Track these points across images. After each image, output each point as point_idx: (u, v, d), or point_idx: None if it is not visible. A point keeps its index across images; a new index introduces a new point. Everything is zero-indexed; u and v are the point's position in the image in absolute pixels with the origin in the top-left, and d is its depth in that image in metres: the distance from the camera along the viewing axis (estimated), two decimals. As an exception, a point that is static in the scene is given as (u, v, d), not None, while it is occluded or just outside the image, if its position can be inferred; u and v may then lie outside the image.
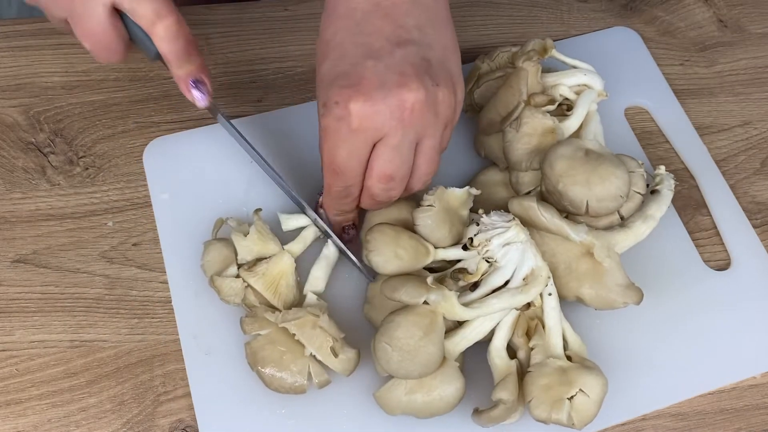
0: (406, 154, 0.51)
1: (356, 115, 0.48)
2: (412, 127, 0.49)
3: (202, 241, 0.58)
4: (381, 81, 0.48)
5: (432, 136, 0.51)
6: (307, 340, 0.53)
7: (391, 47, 0.49)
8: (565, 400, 0.51)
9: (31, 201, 0.62)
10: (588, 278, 0.55)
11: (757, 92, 0.72)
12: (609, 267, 0.54)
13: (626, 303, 0.54)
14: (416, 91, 0.48)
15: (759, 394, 0.58)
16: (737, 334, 0.59)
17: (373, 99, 0.48)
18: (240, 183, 0.63)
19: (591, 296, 0.55)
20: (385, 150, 0.50)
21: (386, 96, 0.48)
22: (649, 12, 0.76)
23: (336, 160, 0.51)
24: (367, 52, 0.49)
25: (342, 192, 0.53)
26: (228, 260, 0.56)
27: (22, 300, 0.58)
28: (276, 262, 0.56)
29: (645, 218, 0.58)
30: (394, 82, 0.48)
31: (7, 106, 0.65)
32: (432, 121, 0.50)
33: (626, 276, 0.55)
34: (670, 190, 0.59)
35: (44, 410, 0.54)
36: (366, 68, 0.49)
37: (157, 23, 0.52)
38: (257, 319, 0.54)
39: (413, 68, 0.49)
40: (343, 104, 0.48)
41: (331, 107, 0.49)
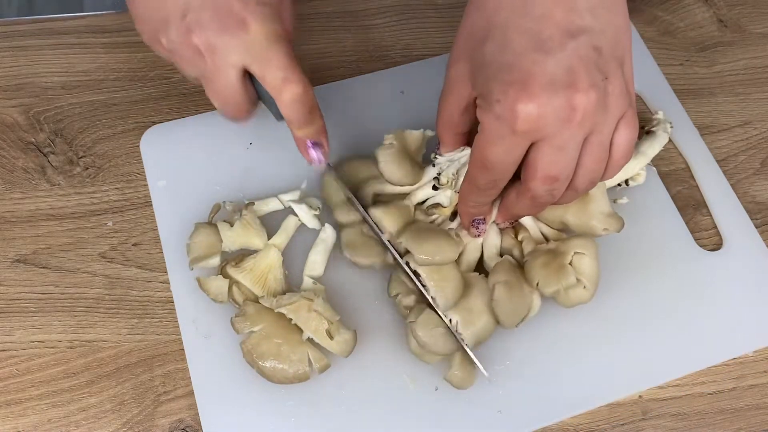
0: (572, 154, 0.47)
1: (522, 117, 0.44)
2: (580, 128, 0.46)
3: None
4: (550, 80, 0.44)
5: (600, 132, 0.47)
6: (304, 324, 0.53)
7: (561, 38, 0.45)
8: (566, 265, 0.54)
9: (31, 201, 0.62)
10: (573, 206, 0.57)
11: (757, 92, 0.72)
12: (594, 194, 0.57)
13: (607, 230, 0.57)
14: (586, 92, 0.44)
15: (759, 394, 0.58)
16: (730, 313, 0.60)
17: (540, 101, 0.44)
18: (237, 169, 0.63)
19: (575, 223, 0.57)
20: (549, 150, 0.46)
21: (554, 97, 0.44)
22: (649, 12, 0.76)
23: (489, 157, 0.48)
24: (535, 43, 0.45)
25: (488, 185, 0.50)
26: (213, 248, 0.57)
27: (22, 300, 0.58)
28: (263, 256, 0.57)
29: (637, 153, 0.60)
30: (563, 81, 0.44)
31: (7, 106, 0.66)
32: (602, 117, 0.46)
33: (610, 205, 0.57)
34: (666, 132, 0.61)
35: (44, 410, 0.54)
36: (534, 62, 0.44)
37: (283, 90, 0.52)
38: (248, 317, 0.54)
39: (583, 63, 0.45)
40: (508, 104, 0.45)
41: (491, 103, 0.46)
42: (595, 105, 0.45)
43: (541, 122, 0.45)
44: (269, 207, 0.60)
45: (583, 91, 0.44)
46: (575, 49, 0.45)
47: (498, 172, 0.49)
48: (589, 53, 0.45)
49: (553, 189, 0.49)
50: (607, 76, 0.46)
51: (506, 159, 0.47)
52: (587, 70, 0.45)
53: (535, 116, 0.44)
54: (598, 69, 0.45)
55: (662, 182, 0.65)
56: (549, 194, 0.49)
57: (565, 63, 0.45)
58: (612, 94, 0.46)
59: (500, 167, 0.48)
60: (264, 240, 0.58)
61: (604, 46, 0.46)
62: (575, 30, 0.45)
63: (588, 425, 0.56)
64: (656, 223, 0.63)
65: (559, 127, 0.45)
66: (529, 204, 0.51)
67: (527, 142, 0.46)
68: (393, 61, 0.70)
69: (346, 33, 0.72)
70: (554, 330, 0.58)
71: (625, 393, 0.57)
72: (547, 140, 0.46)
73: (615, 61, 0.46)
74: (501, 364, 0.56)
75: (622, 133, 0.48)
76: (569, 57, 0.45)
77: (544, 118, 0.45)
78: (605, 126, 0.47)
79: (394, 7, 0.74)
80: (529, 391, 0.56)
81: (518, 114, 0.44)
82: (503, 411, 0.55)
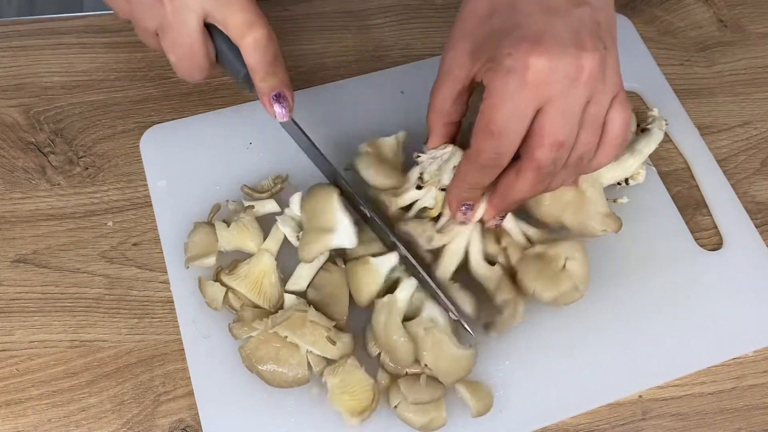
0: (575, 119, 0.48)
1: (533, 69, 0.45)
2: (585, 90, 0.47)
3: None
4: (559, 37, 0.46)
5: (597, 103, 0.48)
6: (300, 338, 0.53)
7: (567, 6, 0.47)
8: (558, 273, 0.54)
9: (31, 201, 0.62)
10: (571, 206, 0.57)
11: (757, 92, 0.72)
12: (592, 195, 0.57)
13: (605, 230, 0.57)
14: (592, 52, 0.46)
15: (759, 394, 0.58)
16: (730, 313, 0.60)
17: (551, 54, 0.46)
18: (237, 169, 0.63)
19: (572, 223, 0.57)
20: (556, 112, 0.47)
21: (564, 53, 0.46)
22: (649, 12, 0.76)
23: (496, 118, 0.47)
24: (543, 7, 0.47)
25: (491, 159, 0.49)
26: (210, 247, 0.57)
27: (22, 300, 0.58)
28: (256, 262, 0.56)
29: (633, 152, 0.60)
30: (571, 41, 0.46)
31: (7, 106, 0.66)
32: (601, 87, 0.48)
33: (607, 205, 0.57)
34: (661, 129, 0.61)
35: (44, 410, 0.54)
36: (543, 22, 0.47)
37: (247, 34, 0.52)
38: (245, 322, 0.54)
39: (587, 29, 0.47)
40: (519, 56, 0.46)
41: (502, 59, 0.46)
42: (599, 68, 0.47)
43: (551, 77, 0.46)
44: (266, 208, 0.60)
45: (589, 51, 0.46)
46: (580, 16, 0.47)
47: (504, 142, 0.48)
48: (592, 23, 0.48)
49: (558, 158, 0.49)
50: (606, 47, 0.48)
51: (513, 121, 0.47)
52: (591, 36, 0.47)
53: (547, 69, 0.46)
54: (599, 37, 0.48)
55: (662, 182, 0.65)
56: (553, 164, 0.49)
57: (572, 26, 0.47)
58: (610, 67, 0.48)
59: (507, 133, 0.48)
60: (258, 244, 0.57)
61: (602, 21, 0.49)
62: (579, 2, 0.48)
63: (588, 425, 0.56)
64: (656, 223, 0.63)
65: (566, 86, 0.46)
66: (531, 178, 0.50)
67: (536, 102, 0.47)
68: (393, 61, 0.70)
69: (346, 33, 0.72)
70: (554, 330, 0.58)
71: (625, 393, 0.57)
72: (554, 102, 0.47)
73: (610, 38, 0.49)
74: (501, 363, 0.56)
75: (616, 110, 0.50)
76: (575, 21, 0.47)
77: (555, 73, 0.46)
78: (603, 96, 0.48)
79: (394, 7, 0.74)
80: (528, 391, 0.56)
81: (530, 65, 0.45)
82: (503, 411, 0.55)
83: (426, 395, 0.52)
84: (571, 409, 0.56)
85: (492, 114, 0.47)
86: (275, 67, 0.54)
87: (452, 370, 0.53)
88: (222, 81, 0.68)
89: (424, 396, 0.52)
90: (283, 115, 0.56)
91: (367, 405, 0.52)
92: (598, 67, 0.47)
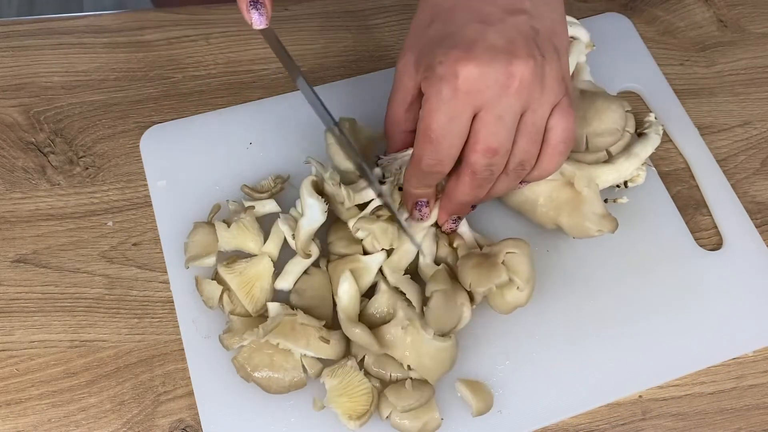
0: (509, 126, 0.49)
1: (463, 76, 0.46)
2: (518, 97, 0.48)
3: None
4: (490, 45, 0.47)
5: (534, 111, 0.49)
6: (294, 343, 0.52)
7: (502, 14, 0.48)
8: (498, 264, 0.53)
9: (31, 201, 0.62)
10: (567, 207, 0.57)
11: (757, 92, 0.72)
12: (587, 196, 0.57)
13: (601, 231, 0.57)
14: (524, 59, 0.47)
15: (759, 394, 0.58)
16: (730, 313, 0.60)
17: (480, 61, 0.46)
18: (237, 169, 0.63)
19: (568, 224, 0.57)
20: (489, 119, 0.48)
21: (494, 61, 0.47)
22: (649, 12, 0.76)
23: (433, 125, 0.48)
24: (477, 16, 0.48)
25: (432, 165, 0.50)
26: (210, 247, 0.57)
27: (22, 300, 0.58)
28: (255, 263, 0.56)
29: (629, 155, 0.59)
30: (503, 48, 0.47)
31: (7, 106, 0.66)
32: (537, 95, 0.48)
33: (603, 206, 0.57)
34: (658, 134, 0.61)
35: (44, 410, 0.54)
36: (476, 31, 0.47)
37: None
38: (235, 332, 0.54)
39: (522, 37, 0.48)
40: (449, 64, 0.47)
41: (434, 67, 0.48)
42: (532, 75, 0.47)
43: (481, 83, 0.47)
44: (266, 209, 0.60)
45: (521, 59, 0.47)
46: (515, 24, 0.48)
47: (443, 147, 0.49)
48: (528, 30, 0.48)
49: (492, 164, 0.50)
50: (544, 55, 0.48)
51: (450, 128, 0.48)
52: (526, 43, 0.48)
53: (476, 76, 0.46)
54: (536, 46, 0.48)
55: (662, 182, 0.65)
56: (488, 170, 0.50)
57: (505, 34, 0.47)
58: (549, 75, 0.48)
59: (445, 139, 0.49)
60: (259, 245, 0.57)
61: (541, 29, 0.49)
62: (515, 10, 0.49)
63: (588, 425, 0.56)
64: (656, 223, 0.63)
65: (497, 93, 0.47)
66: (469, 183, 0.51)
67: (470, 108, 0.48)
68: (393, 61, 0.70)
69: (346, 33, 0.72)
70: (554, 330, 0.58)
71: (625, 393, 0.57)
72: (487, 108, 0.47)
73: (551, 46, 0.49)
74: (501, 363, 0.56)
75: (557, 119, 0.50)
76: (509, 29, 0.48)
77: (485, 80, 0.46)
78: (540, 106, 0.49)
79: (394, 7, 0.74)
80: (528, 390, 0.56)
81: (459, 73, 0.46)
82: (503, 411, 0.55)
83: (415, 400, 0.52)
84: (571, 409, 0.56)
85: (429, 120, 0.48)
86: None
87: (436, 366, 0.53)
88: (222, 81, 0.68)
89: (413, 401, 0.52)
90: (260, 21, 0.55)
91: (366, 408, 0.52)
92: (531, 74, 0.47)
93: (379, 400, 0.53)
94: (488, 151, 0.49)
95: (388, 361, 0.53)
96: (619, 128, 0.58)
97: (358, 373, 0.53)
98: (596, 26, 0.69)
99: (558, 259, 0.61)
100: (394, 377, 0.53)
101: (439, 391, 0.55)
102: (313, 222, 0.55)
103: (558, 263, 0.61)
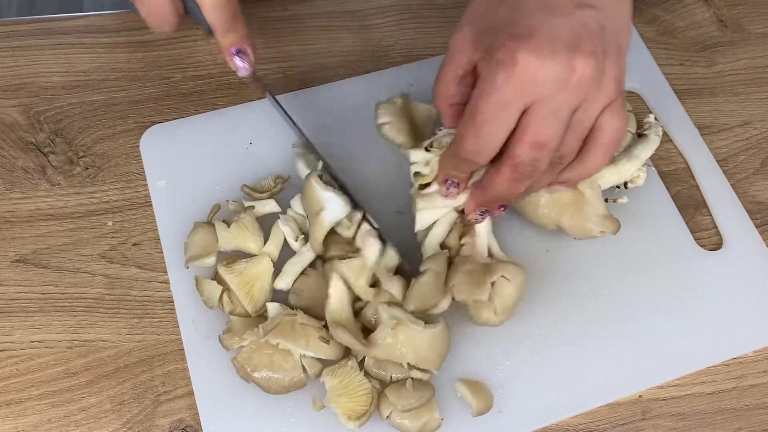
0: (562, 122, 0.47)
1: (522, 64, 0.45)
2: (575, 93, 0.46)
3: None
4: (554, 36, 0.45)
5: (586, 110, 0.48)
6: (293, 343, 0.52)
7: (570, 7, 0.47)
8: (486, 282, 0.53)
9: (31, 201, 0.62)
10: (569, 208, 0.57)
11: (757, 92, 0.72)
12: (590, 197, 0.57)
13: (603, 232, 0.57)
14: (587, 55, 0.46)
15: (759, 394, 0.58)
16: (730, 313, 0.60)
17: (542, 52, 0.45)
18: (237, 169, 0.63)
19: (570, 225, 0.57)
20: (543, 113, 0.46)
21: (556, 53, 0.45)
22: (649, 12, 0.76)
23: (481, 109, 0.47)
24: (546, 7, 0.47)
25: (470, 152, 0.49)
26: (210, 247, 0.57)
27: (22, 300, 0.58)
28: (255, 264, 0.56)
29: (630, 157, 0.59)
30: (567, 41, 0.46)
31: (7, 106, 0.66)
32: (594, 93, 0.47)
33: (605, 207, 0.57)
34: (658, 135, 0.61)
35: (44, 410, 0.54)
36: (542, 21, 0.46)
37: None
38: (235, 332, 0.54)
39: (588, 32, 0.46)
40: (509, 50, 0.45)
41: (495, 50, 0.46)
42: (592, 72, 0.46)
43: (539, 75, 0.45)
44: (266, 209, 0.60)
45: (584, 54, 0.46)
46: (582, 18, 0.47)
47: (485, 134, 0.48)
48: (594, 25, 0.47)
49: (537, 159, 0.48)
50: (606, 53, 0.47)
51: (497, 115, 0.47)
52: (591, 38, 0.46)
53: (535, 66, 0.45)
54: (601, 42, 0.47)
55: (662, 182, 0.65)
56: (532, 165, 0.49)
57: (571, 26, 0.46)
58: (607, 74, 0.47)
59: (489, 126, 0.47)
60: (260, 245, 0.57)
61: (607, 25, 0.47)
62: (584, 4, 0.47)
63: (588, 425, 0.56)
64: (656, 223, 0.63)
65: (555, 87, 0.46)
66: (509, 175, 0.50)
67: (521, 99, 0.46)
68: (393, 61, 0.70)
69: (346, 33, 0.72)
70: (553, 330, 0.58)
71: (625, 393, 0.57)
72: (542, 102, 0.46)
73: (615, 44, 0.48)
74: (501, 363, 0.56)
75: (607, 118, 0.49)
76: (576, 22, 0.46)
77: (543, 72, 0.45)
78: (593, 104, 0.48)
79: (394, 7, 0.74)
80: (528, 390, 0.56)
81: (518, 60, 0.45)
82: (503, 411, 0.55)
83: (415, 399, 0.52)
84: (571, 409, 0.56)
85: (477, 103, 0.47)
86: (234, 24, 0.56)
87: (434, 354, 0.53)
88: (222, 81, 0.68)
89: (414, 400, 0.52)
90: (244, 69, 0.58)
91: (365, 409, 0.52)
92: (592, 71, 0.46)
93: (380, 399, 0.53)
94: (536, 144, 0.47)
95: (388, 362, 0.53)
96: (629, 129, 0.58)
97: (358, 374, 0.53)
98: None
99: (558, 259, 0.61)
100: (394, 378, 0.53)
101: (439, 390, 0.55)
102: (337, 214, 0.55)
103: (558, 263, 0.60)
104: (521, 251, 0.60)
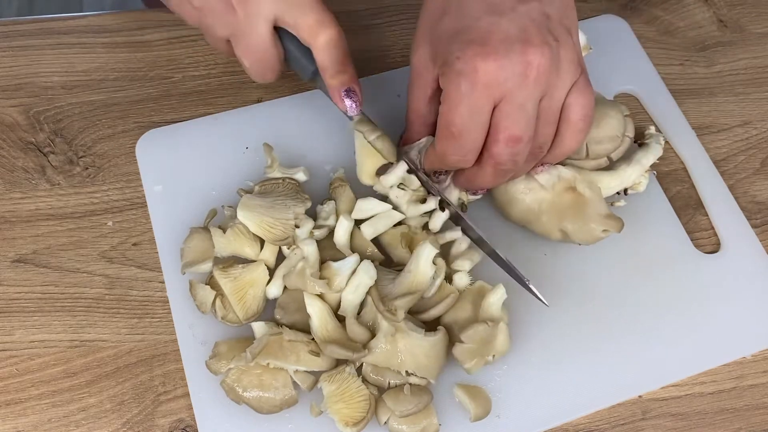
0: (531, 114, 0.49)
1: (482, 70, 0.47)
2: (536, 85, 0.48)
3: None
4: (504, 36, 0.47)
5: (551, 96, 0.49)
6: (284, 361, 0.52)
7: (513, 3, 0.48)
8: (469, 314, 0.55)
9: (31, 201, 0.62)
10: (570, 211, 0.57)
11: (757, 92, 0.72)
12: (590, 197, 0.57)
13: (607, 231, 0.57)
14: (539, 47, 0.47)
15: (759, 394, 0.58)
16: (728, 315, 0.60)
17: (498, 54, 0.47)
18: (233, 174, 0.63)
19: (573, 228, 0.57)
20: (510, 109, 0.48)
21: (510, 52, 0.47)
22: (649, 12, 0.76)
23: (455, 120, 0.49)
24: (489, 7, 0.48)
25: (457, 161, 0.51)
26: (206, 253, 0.57)
27: (22, 300, 0.58)
28: (250, 270, 0.56)
29: (631, 162, 0.59)
30: (518, 38, 0.47)
31: (7, 106, 0.66)
32: (554, 80, 0.49)
33: (606, 206, 0.57)
34: (659, 143, 0.61)
35: (44, 410, 0.54)
36: (490, 23, 0.48)
37: (319, 35, 0.54)
38: (221, 356, 0.53)
39: (535, 25, 0.48)
40: (467, 59, 0.47)
41: (452, 63, 0.48)
42: (549, 62, 0.48)
43: (501, 76, 0.47)
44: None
45: (537, 47, 0.47)
46: (527, 12, 0.48)
47: (466, 142, 0.50)
48: (540, 17, 0.49)
49: (516, 153, 0.50)
50: (557, 39, 0.48)
51: (472, 122, 0.49)
52: (539, 30, 0.48)
53: (494, 69, 0.47)
54: (549, 32, 0.48)
55: (661, 184, 0.65)
56: (512, 159, 0.50)
57: (518, 23, 0.48)
58: (564, 58, 0.49)
59: (468, 134, 0.49)
60: (256, 251, 0.57)
61: (552, 13, 0.49)
62: None
63: (588, 425, 0.56)
64: (654, 226, 0.63)
65: (517, 83, 0.47)
66: (491, 173, 0.52)
67: (490, 101, 0.48)
68: (393, 61, 0.70)
69: (346, 33, 0.72)
70: (551, 334, 0.58)
71: (623, 397, 0.57)
72: (508, 99, 0.48)
73: (564, 29, 0.49)
74: (499, 368, 0.56)
75: (574, 96, 0.50)
76: (521, 18, 0.48)
77: (504, 72, 0.47)
78: (557, 90, 0.49)
79: (394, 7, 0.74)
80: (527, 395, 0.55)
81: (478, 67, 0.47)
82: (501, 415, 0.55)
83: (413, 405, 0.52)
84: (569, 413, 0.56)
85: (451, 116, 0.49)
86: (345, 64, 0.56)
87: (433, 362, 0.53)
88: (221, 81, 0.68)
89: (412, 406, 0.52)
90: (353, 109, 0.57)
91: (363, 415, 0.52)
92: (548, 61, 0.48)
93: (377, 405, 0.53)
94: (511, 139, 0.49)
95: (386, 368, 0.53)
96: (619, 134, 0.58)
97: (355, 380, 0.53)
98: (592, 28, 0.69)
99: (556, 263, 0.60)
100: (392, 383, 0.53)
101: (437, 396, 0.55)
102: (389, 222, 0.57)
103: (556, 268, 0.60)
104: (520, 255, 0.60)
